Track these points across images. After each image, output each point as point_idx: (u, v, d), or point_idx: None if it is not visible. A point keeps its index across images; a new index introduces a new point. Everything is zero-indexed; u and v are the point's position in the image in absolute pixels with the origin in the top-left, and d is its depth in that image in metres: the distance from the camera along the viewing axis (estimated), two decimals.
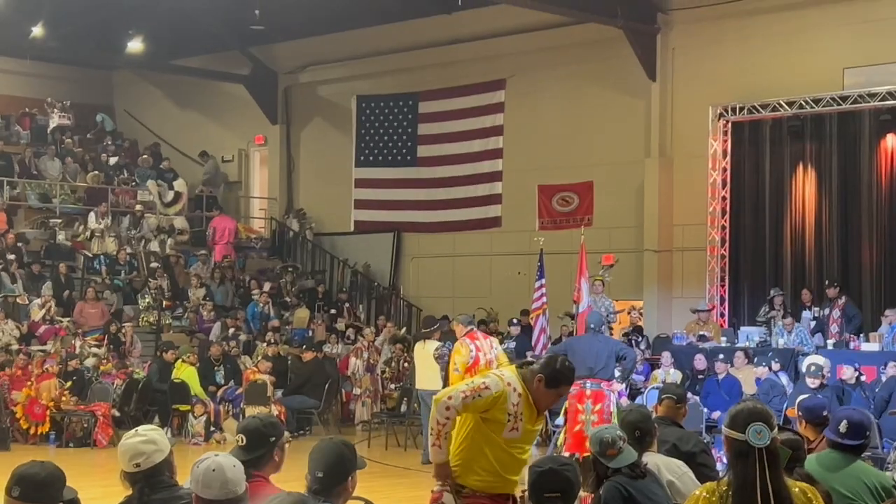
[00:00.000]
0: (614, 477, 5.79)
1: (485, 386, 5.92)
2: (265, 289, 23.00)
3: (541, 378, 5.95)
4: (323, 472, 4.82)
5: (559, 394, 6.14)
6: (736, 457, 4.24)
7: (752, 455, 4.18)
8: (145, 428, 5.16)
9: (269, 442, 5.13)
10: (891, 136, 18.36)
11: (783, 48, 19.16)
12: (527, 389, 5.96)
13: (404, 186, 24.25)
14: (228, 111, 26.89)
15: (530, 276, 18.92)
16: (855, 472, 6.27)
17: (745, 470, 4.18)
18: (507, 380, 5.98)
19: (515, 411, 5.93)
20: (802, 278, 19.04)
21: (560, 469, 4.43)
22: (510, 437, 5.98)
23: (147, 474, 4.94)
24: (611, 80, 21.21)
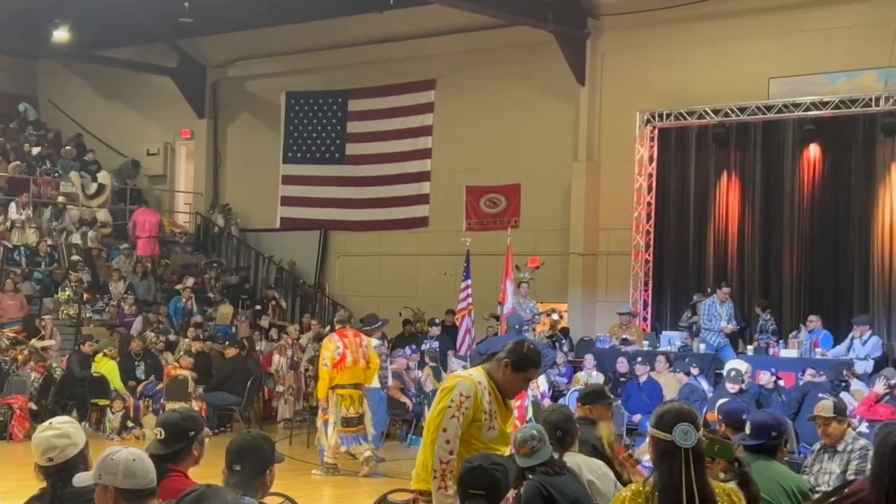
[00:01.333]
0: (535, 475, 5.81)
1: (465, 396, 5.82)
2: (188, 284, 22.76)
3: (507, 363, 5.91)
4: (240, 465, 4.79)
5: (527, 378, 6.08)
6: (662, 457, 4.25)
7: (679, 455, 4.19)
8: (59, 421, 5.07)
9: (189, 436, 5.07)
10: (813, 145, 18.66)
11: (710, 56, 19.38)
12: (493, 382, 5.91)
13: (332, 184, 24.16)
14: (155, 104, 26.58)
15: (456, 277, 18.96)
16: (772, 475, 6.34)
17: (670, 470, 4.18)
18: (477, 378, 5.93)
19: (490, 409, 5.87)
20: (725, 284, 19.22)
21: (489, 468, 4.43)
22: (489, 436, 5.89)
23: (60, 468, 4.86)
24: (540, 83, 21.30)
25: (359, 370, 14.03)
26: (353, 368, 13.92)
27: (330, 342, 14.15)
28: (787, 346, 16.98)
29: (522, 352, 5.99)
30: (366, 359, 14.10)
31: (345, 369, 13.86)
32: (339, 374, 13.85)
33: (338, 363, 13.81)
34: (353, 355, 13.97)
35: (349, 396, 13.92)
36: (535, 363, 6.07)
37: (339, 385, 13.85)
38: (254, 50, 24.88)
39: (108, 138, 27.15)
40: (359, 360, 13.99)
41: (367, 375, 14.28)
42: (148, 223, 24.31)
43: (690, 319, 18.50)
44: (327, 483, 13.40)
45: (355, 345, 14.10)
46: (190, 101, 25.87)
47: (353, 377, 13.95)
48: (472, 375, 5.98)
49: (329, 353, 13.94)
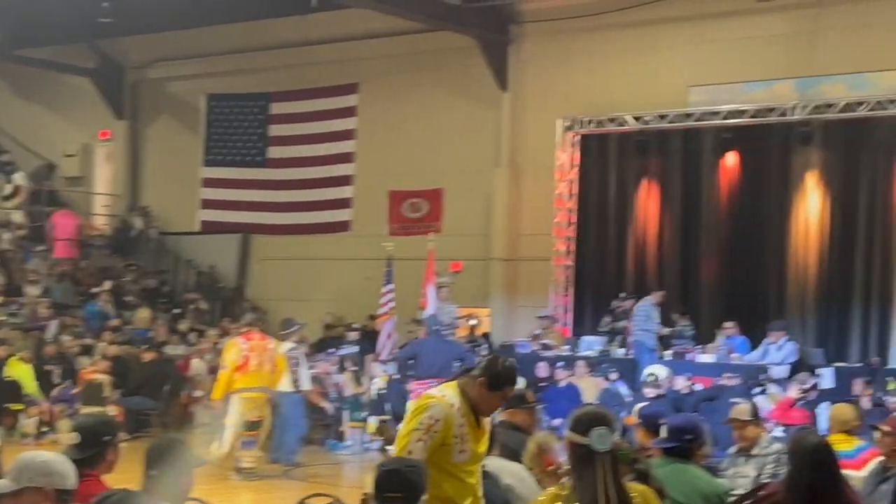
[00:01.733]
0: None
1: (434, 419, 5.52)
2: (106, 287, 22.44)
3: (483, 381, 5.61)
4: (157, 469, 4.73)
5: (503, 396, 5.75)
6: (578, 461, 4.25)
7: (594, 459, 4.19)
8: None
9: (103, 441, 5.00)
10: (732, 153, 18.92)
11: (632, 64, 19.56)
12: (467, 401, 5.61)
13: (253, 188, 23.98)
14: (73, 105, 26.20)
15: (378, 281, 18.90)
16: (688, 478, 6.39)
17: (588, 474, 4.18)
18: (449, 401, 5.62)
19: (461, 433, 5.59)
20: (644, 290, 19.40)
21: (405, 470, 4.39)
22: (460, 460, 5.62)
23: None
24: (463, 88, 21.34)
25: (264, 374, 13.87)
26: (258, 372, 13.76)
27: (234, 345, 14.01)
28: (705, 352, 17.17)
29: (497, 369, 5.68)
30: (272, 363, 13.92)
31: (249, 373, 13.70)
32: (243, 378, 13.68)
33: (241, 366, 13.65)
34: (258, 359, 13.80)
35: (253, 400, 13.77)
36: (512, 380, 5.77)
37: (243, 388, 13.67)
38: (175, 51, 24.63)
39: (24, 139, 26.69)
40: (264, 363, 13.84)
41: (273, 380, 14.09)
42: (67, 226, 23.99)
43: (611, 324, 18.62)
44: (246, 488, 13.28)
45: (261, 348, 13.94)
46: (109, 103, 25.54)
47: (257, 381, 13.79)
48: (444, 396, 5.66)
49: (231, 356, 13.78)
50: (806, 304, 18.27)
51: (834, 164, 18.20)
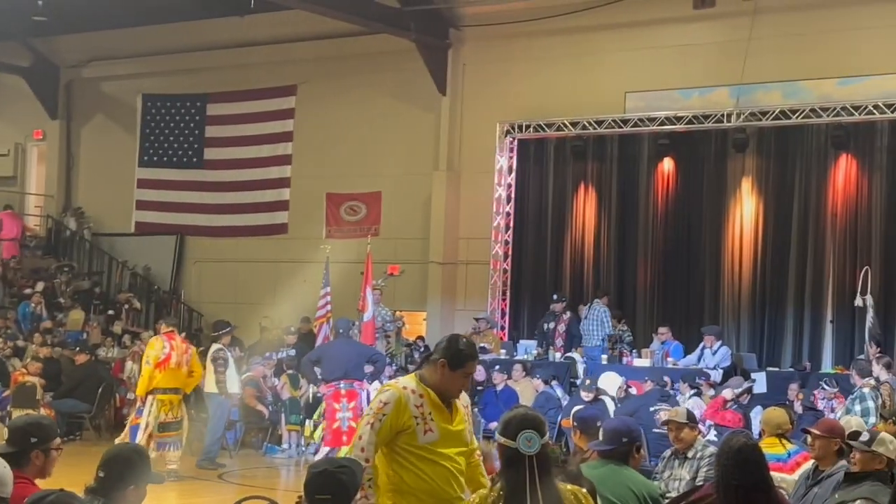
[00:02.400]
0: None
1: (382, 402, 5.43)
2: (38, 288, 22.14)
3: (444, 363, 5.47)
4: (105, 473, 4.68)
5: (466, 373, 5.57)
6: (507, 464, 4.26)
7: (523, 462, 4.21)
8: None
9: (30, 442, 4.93)
10: (668, 159, 19.10)
11: (569, 70, 19.67)
12: (427, 386, 5.48)
13: (189, 189, 23.79)
14: (6, 103, 25.83)
15: (315, 284, 18.82)
16: (623, 480, 6.43)
17: (515, 477, 4.20)
18: (402, 384, 5.56)
19: (421, 412, 5.43)
20: (581, 294, 19.54)
21: (335, 471, 4.35)
22: (428, 440, 5.44)
23: None
24: (402, 91, 21.34)
25: (181, 375, 13.99)
26: (175, 371, 13.90)
27: (157, 341, 14.13)
28: (641, 356, 17.30)
29: (457, 347, 5.55)
30: (189, 366, 14.04)
31: (167, 371, 13.82)
32: (161, 376, 13.78)
33: (162, 363, 13.77)
34: (178, 358, 13.93)
35: (168, 402, 13.83)
36: (473, 357, 5.63)
37: (158, 389, 13.75)
38: (110, 51, 24.36)
39: None
40: (182, 364, 13.97)
41: (189, 383, 14.23)
42: (13, 226, 23.75)
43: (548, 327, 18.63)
44: (180, 492, 13.15)
45: (181, 349, 14.08)
46: (42, 102, 25.22)
47: (174, 381, 13.90)
48: (398, 382, 5.61)
49: (154, 352, 13.86)
50: (740, 309, 18.48)
51: (768, 171, 18.45)
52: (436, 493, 5.44)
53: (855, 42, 17.52)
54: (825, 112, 17.34)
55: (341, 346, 15.06)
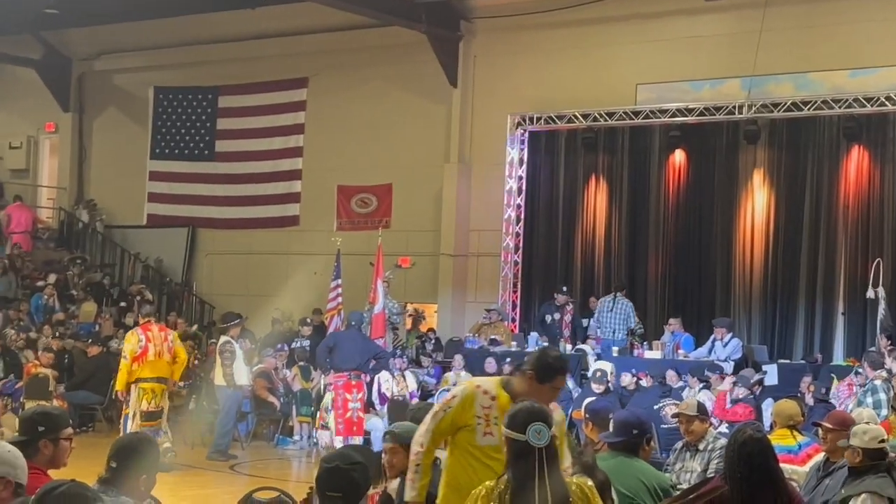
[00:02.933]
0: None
1: (452, 395, 5.55)
2: (50, 280, 22.22)
3: (531, 375, 5.49)
4: (116, 463, 4.72)
5: (554, 387, 5.58)
6: (516, 457, 4.27)
7: (532, 455, 4.21)
8: None
9: (37, 431, 4.95)
10: (679, 151, 19.06)
11: (580, 62, 19.64)
12: (509, 393, 5.45)
13: (201, 181, 23.84)
14: (18, 96, 25.90)
15: (326, 277, 18.87)
16: (634, 471, 6.45)
17: (524, 470, 4.20)
18: (478, 383, 5.61)
19: (486, 414, 5.43)
20: (591, 286, 19.54)
21: (347, 468, 4.32)
22: (486, 442, 5.43)
23: None
24: (413, 84, 21.34)
25: (162, 364, 14.10)
26: (155, 362, 14.02)
27: (132, 335, 14.30)
28: (651, 349, 17.28)
29: (546, 361, 5.55)
30: (171, 353, 14.15)
31: (146, 363, 13.96)
32: (141, 368, 13.93)
33: (139, 356, 13.92)
34: (157, 348, 14.06)
35: (151, 390, 13.99)
36: (561, 371, 5.60)
37: (140, 378, 13.91)
38: (122, 43, 24.41)
39: None
40: (163, 353, 14.09)
41: (174, 370, 14.32)
42: (23, 218, 23.82)
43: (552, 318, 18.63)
44: (191, 483, 13.20)
45: (159, 339, 14.20)
46: (55, 94, 25.27)
47: (155, 371, 14.01)
48: (475, 380, 5.66)
49: (130, 347, 14.04)
50: (751, 301, 18.45)
51: (780, 163, 18.41)
52: None
53: (867, 33, 17.47)
54: (837, 104, 17.30)
55: (354, 337, 15.22)
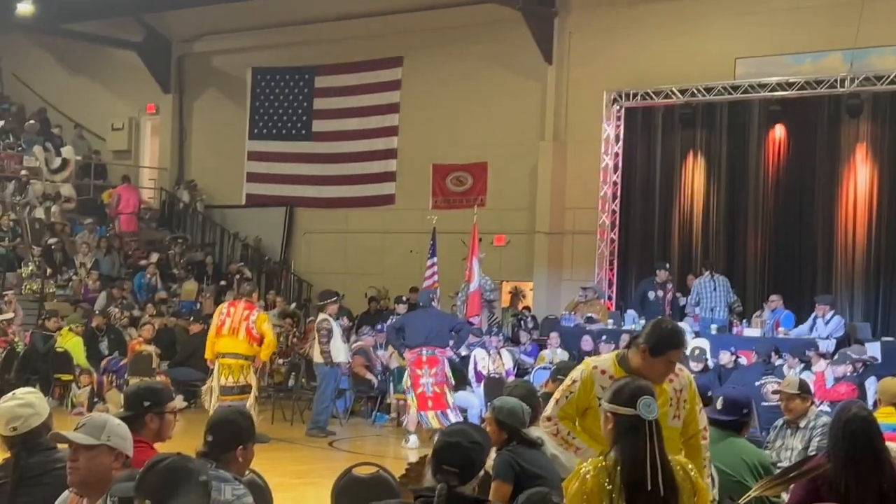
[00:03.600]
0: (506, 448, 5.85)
1: (572, 380, 5.47)
2: (152, 260, 22.65)
3: (645, 348, 5.35)
4: (212, 436, 4.80)
5: (669, 360, 5.39)
6: (625, 432, 4.21)
7: (643, 429, 4.18)
8: (23, 391, 5.07)
9: (143, 406, 5.05)
10: (779, 126, 18.76)
11: (677, 36, 19.41)
12: (625, 369, 5.35)
13: (298, 161, 24.08)
14: (120, 78, 26.39)
15: (422, 255, 18.96)
16: (736, 450, 6.40)
17: (635, 444, 4.15)
18: (595, 363, 5.51)
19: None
20: (689, 264, 19.36)
21: (467, 446, 4.29)
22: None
23: (24, 438, 4.87)
24: (508, 61, 21.28)
25: (238, 342, 14.21)
26: (230, 338, 14.18)
27: (217, 310, 14.73)
28: (751, 326, 17.08)
29: (660, 334, 5.39)
30: (248, 332, 14.27)
31: (221, 337, 14.18)
32: (220, 342, 14.20)
33: (217, 328, 14.25)
34: (233, 325, 14.23)
35: (228, 366, 14.16)
36: (675, 344, 5.43)
37: (220, 353, 14.20)
38: (220, 25, 24.71)
39: (72, 112, 26.94)
40: (238, 330, 14.21)
41: (262, 350, 14.40)
42: (132, 199, 24.30)
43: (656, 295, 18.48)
44: (290, 459, 13.38)
45: (240, 317, 14.32)
46: (155, 76, 25.69)
47: (230, 347, 14.20)
48: (592, 360, 5.57)
49: (213, 320, 14.48)
50: (853, 278, 18.13)
51: (883, 137, 18.01)
52: None
53: None
54: None
55: (422, 316, 15.17)
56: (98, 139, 26.88)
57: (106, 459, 4.35)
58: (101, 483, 4.25)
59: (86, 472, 4.35)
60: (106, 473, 4.30)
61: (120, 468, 4.31)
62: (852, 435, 5.18)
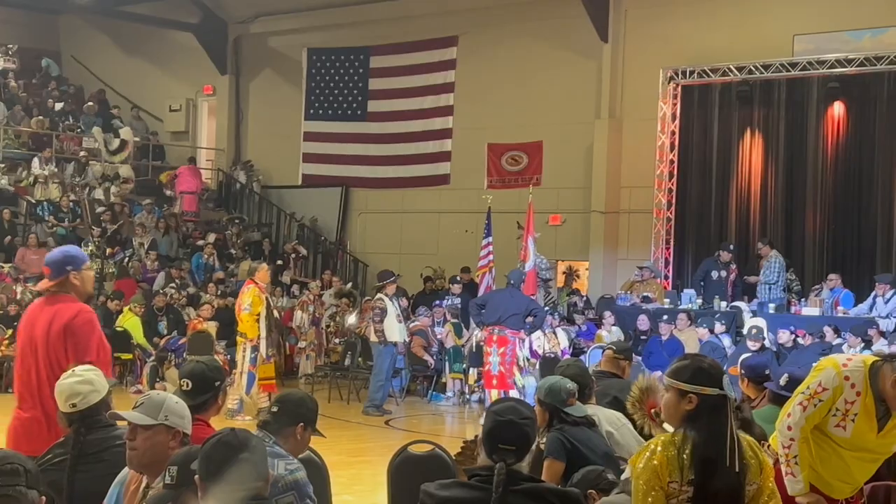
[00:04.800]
0: (557, 427, 5.84)
1: (822, 388, 5.11)
2: (209, 240, 22.85)
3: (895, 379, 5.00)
4: (278, 407, 4.88)
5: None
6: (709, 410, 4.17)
7: (726, 407, 4.19)
8: (83, 368, 5.12)
9: (215, 386, 5.11)
10: (838, 104, 18.53)
11: (734, 13, 19.22)
12: (873, 389, 5.04)
13: (353, 141, 24.14)
14: (177, 60, 26.59)
15: (478, 234, 18.96)
16: None
17: (718, 422, 4.15)
18: (846, 372, 5.11)
19: (846, 409, 5.07)
20: (746, 243, 19.20)
21: (520, 423, 4.27)
22: (835, 433, 5.13)
23: (84, 414, 4.93)
24: (563, 39, 21.18)
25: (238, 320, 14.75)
26: (822, 364, 14.20)
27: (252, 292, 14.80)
28: (809, 305, 16.93)
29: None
30: (239, 309, 14.76)
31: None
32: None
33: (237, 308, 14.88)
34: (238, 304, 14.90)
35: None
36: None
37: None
38: (275, 6, 24.81)
39: (130, 94, 27.19)
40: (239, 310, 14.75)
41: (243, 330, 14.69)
42: (192, 180, 24.54)
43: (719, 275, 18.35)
44: (347, 438, 13.48)
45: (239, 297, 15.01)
46: (212, 57, 25.85)
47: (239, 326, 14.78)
48: (841, 365, 5.14)
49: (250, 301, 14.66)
50: None
51: None
52: (817, 470, 5.23)
53: None
54: None
55: (503, 295, 15.28)
56: (156, 120, 27.13)
57: (163, 438, 4.41)
58: (158, 462, 4.31)
59: (143, 451, 4.41)
60: (163, 452, 4.35)
61: (178, 446, 4.36)
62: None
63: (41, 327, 5.96)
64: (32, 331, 6.02)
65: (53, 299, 6.05)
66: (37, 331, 5.98)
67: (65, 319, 5.91)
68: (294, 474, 4.63)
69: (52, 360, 5.86)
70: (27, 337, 6.06)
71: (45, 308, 6.06)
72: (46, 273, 6.13)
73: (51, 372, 5.78)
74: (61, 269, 6.04)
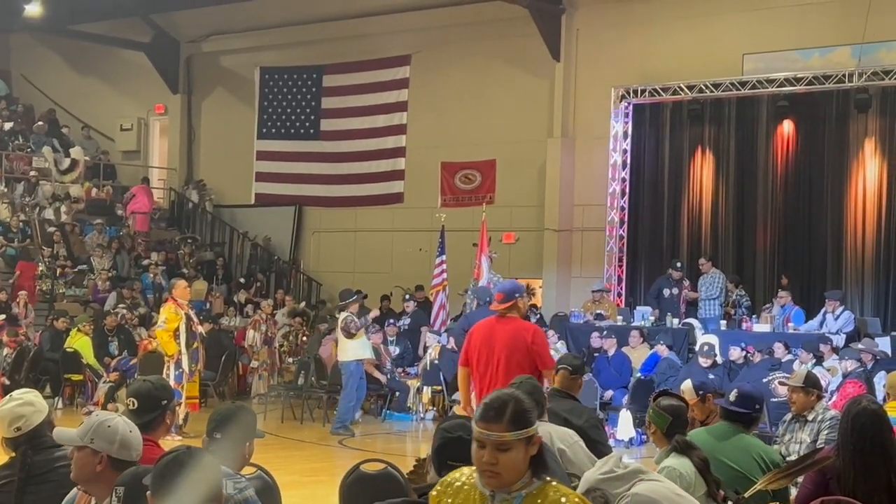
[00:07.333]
0: None
1: None
2: (153, 259, 22.68)
3: None
4: (221, 434, 4.83)
5: None
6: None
7: None
8: (20, 392, 5.11)
9: (161, 405, 5.07)
10: (787, 122, 18.74)
11: (685, 33, 19.40)
12: None
13: (306, 160, 24.10)
14: (128, 79, 26.44)
15: (431, 253, 18.97)
16: (743, 445, 6.38)
17: None
18: None
19: None
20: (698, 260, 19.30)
21: (469, 439, 4.28)
22: None
23: (29, 436, 4.90)
24: (516, 59, 21.27)
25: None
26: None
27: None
28: (760, 321, 17.05)
29: None
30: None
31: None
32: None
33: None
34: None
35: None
36: None
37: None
38: (228, 24, 24.74)
39: (81, 113, 26.99)
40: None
41: (162, 347, 14.87)
42: (146, 200, 24.38)
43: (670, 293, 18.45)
44: (300, 457, 13.41)
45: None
46: (164, 76, 25.73)
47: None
48: None
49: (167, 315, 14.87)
50: (863, 273, 18.10)
51: (892, 132, 17.98)
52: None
53: None
54: None
55: (484, 313, 15.16)
56: (107, 140, 26.94)
57: (90, 460, 4.35)
58: (90, 480, 4.30)
59: (76, 468, 4.38)
60: (91, 473, 4.32)
61: (105, 470, 4.30)
62: (861, 428, 5.18)
63: None
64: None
65: None
66: None
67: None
68: (243, 493, 4.59)
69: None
70: None
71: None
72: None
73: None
74: None
